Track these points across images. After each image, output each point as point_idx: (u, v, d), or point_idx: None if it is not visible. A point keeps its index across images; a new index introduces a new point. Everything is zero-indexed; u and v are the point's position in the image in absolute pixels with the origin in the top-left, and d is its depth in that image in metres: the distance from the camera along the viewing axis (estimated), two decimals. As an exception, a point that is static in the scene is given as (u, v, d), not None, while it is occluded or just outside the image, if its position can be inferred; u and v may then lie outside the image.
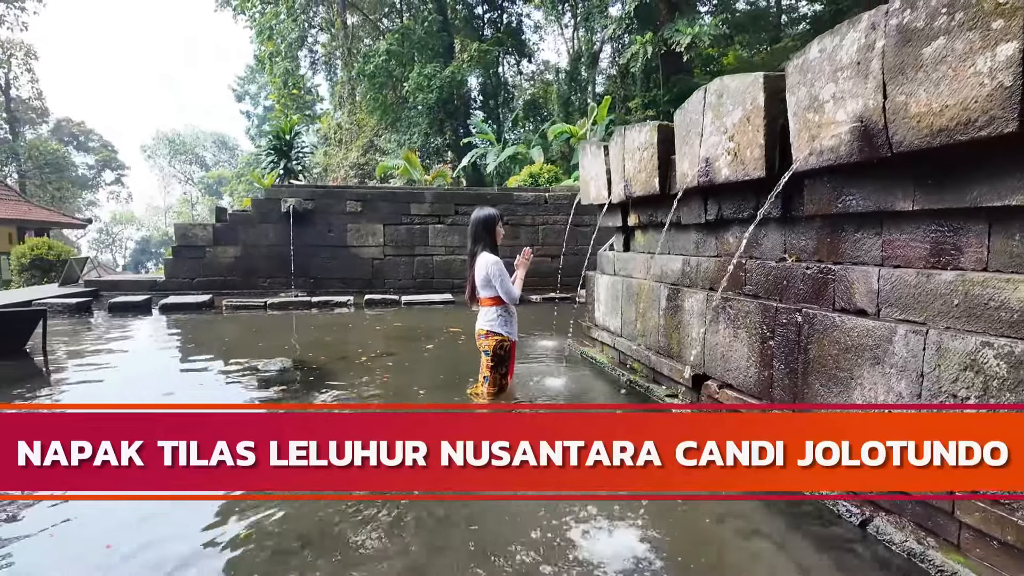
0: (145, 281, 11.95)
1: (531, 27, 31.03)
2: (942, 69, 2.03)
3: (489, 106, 30.11)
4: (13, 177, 37.23)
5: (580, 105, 23.92)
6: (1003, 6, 1.83)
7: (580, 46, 26.21)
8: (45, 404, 4.51)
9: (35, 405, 4.40)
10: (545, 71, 31.68)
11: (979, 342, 2.07)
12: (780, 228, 3.31)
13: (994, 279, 2.10)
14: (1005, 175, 2.03)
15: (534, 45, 32.51)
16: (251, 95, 49.13)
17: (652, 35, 18.08)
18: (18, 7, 35.17)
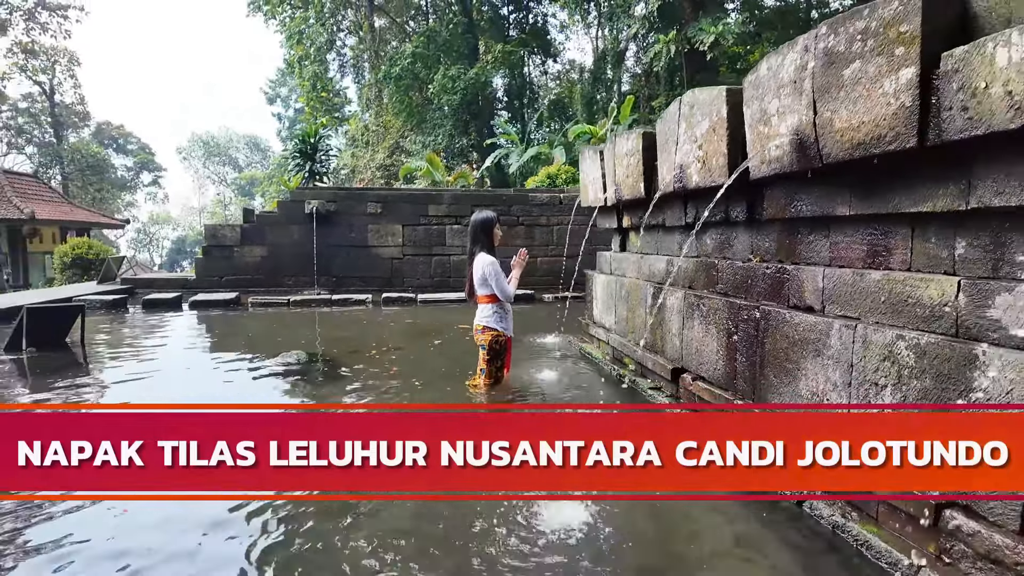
0: (177, 279, 12.55)
1: (556, 26, 31.14)
2: (859, 89, 2.26)
3: (514, 106, 30.31)
4: (57, 179, 38.82)
5: (604, 104, 24.01)
6: (904, 35, 2.06)
7: (606, 45, 26.30)
8: (84, 399, 4.93)
9: (43, 405, 4.50)
10: (571, 70, 31.77)
11: (895, 335, 2.30)
12: (747, 231, 3.54)
13: (912, 278, 2.32)
14: (917, 184, 2.26)
15: (560, 44, 32.58)
16: (282, 98, 50.21)
17: (675, 34, 18.13)
18: (61, 16, 36.62)
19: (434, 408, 3.84)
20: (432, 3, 31.24)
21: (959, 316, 2.11)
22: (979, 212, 2.06)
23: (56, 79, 39.94)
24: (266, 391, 4.90)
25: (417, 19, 32.40)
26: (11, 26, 35.52)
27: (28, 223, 19.83)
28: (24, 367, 5.69)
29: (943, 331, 2.17)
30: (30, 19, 35.80)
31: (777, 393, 3.00)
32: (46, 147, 40.56)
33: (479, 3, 28.49)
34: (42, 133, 40.89)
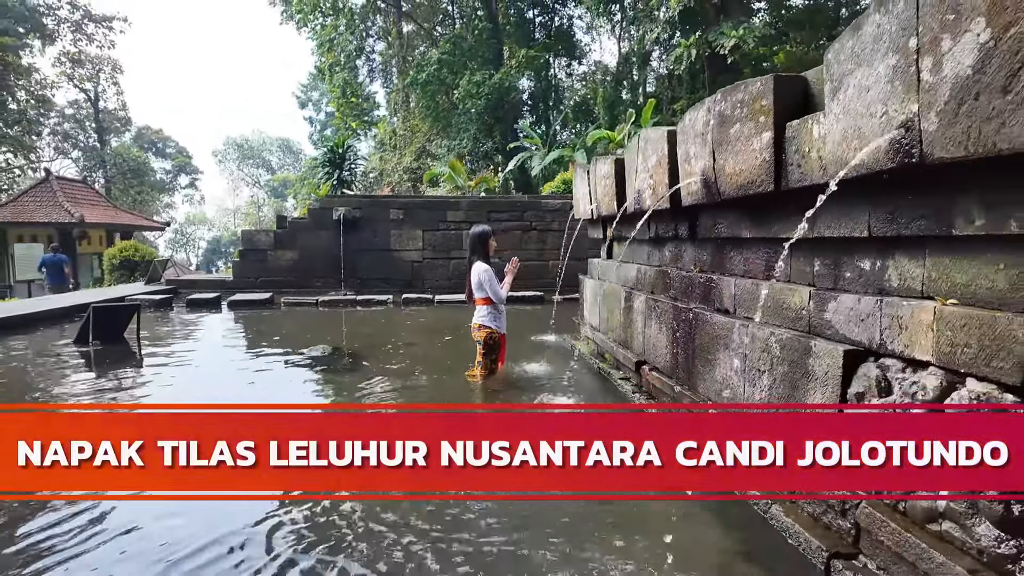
0: (216, 280, 13.60)
1: (583, 28, 31.44)
2: (739, 144, 2.97)
3: (539, 109, 30.76)
4: (100, 182, 40.77)
5: (629, 107, 24.42)
6: (764, 107, 2.77)
7: (632, 47, 26.72)
8: (140, 384, 5.83)
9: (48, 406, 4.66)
10: (596, 72, 32.14)
11: (770, 331, 2.99)
12: (692, 246, 4.25)
13: (787, 288, 3.02)
14: (784, 217, 2.95)
15: (586, 46, 32.89)
16: (313, 102, 51.60)
17: (695, 38, 18.48)
18: (106, 26, 38.47)
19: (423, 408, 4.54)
20: (459, 9, 31.92)
21: (810, 317, 2.81)
22: (822, 240, 2.75)
23: (100, 86, 41.92)
24: (295, 377, 5.77)
25: (444, 23, 33.03)
26: (59, 37, 37.51)
27: (78, 226, 21.22)
28: (91, 358, 6.63)
29: (799, 329, 2.87)
30: (77, 30, 37.72)
31: (702, 379, 3.71)
32: (91, 151, 42.54)
33: (505, 7, 28.96)
34: (87, 138, 42.90)
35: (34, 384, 5.41)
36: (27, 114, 37.58)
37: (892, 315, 2.29)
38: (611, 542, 2.58)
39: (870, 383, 2.36)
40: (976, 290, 2.02)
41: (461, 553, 2.50)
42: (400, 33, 32.22)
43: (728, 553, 2.53)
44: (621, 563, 2.41)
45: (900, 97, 1.94)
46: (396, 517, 2.80)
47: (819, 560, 2.36)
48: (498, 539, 2.63)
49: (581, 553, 2.49)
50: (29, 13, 34.90)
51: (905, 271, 2.33)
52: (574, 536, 2.64)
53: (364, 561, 2.45)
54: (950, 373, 2.05)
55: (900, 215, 2.25)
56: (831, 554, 2.33)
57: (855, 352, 2.46)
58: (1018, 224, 1.81)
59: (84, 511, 2.89)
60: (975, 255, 2.03)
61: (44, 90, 38.38)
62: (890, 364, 2.31)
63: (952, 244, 2.11)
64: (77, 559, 2.48)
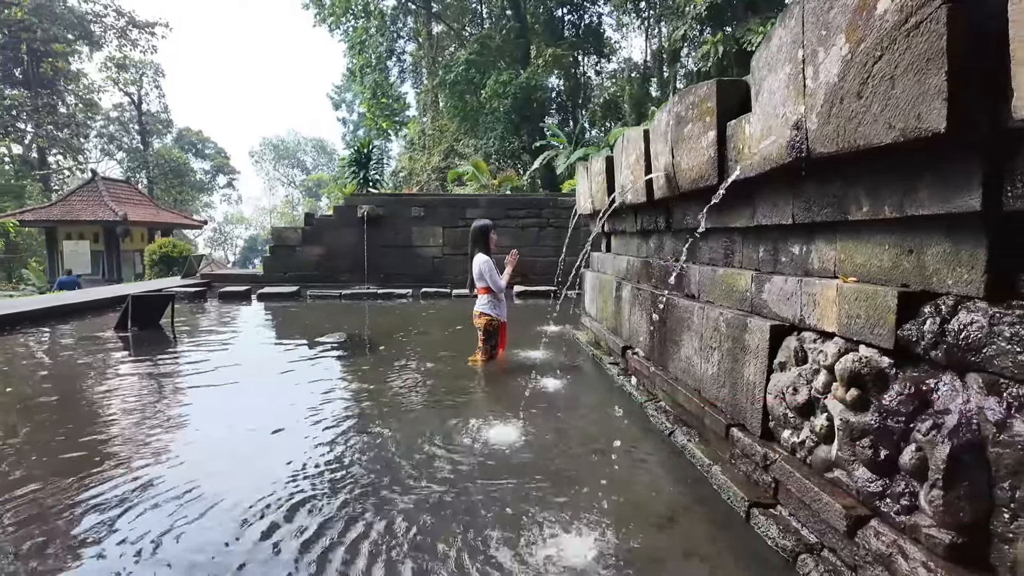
0: (248, 275, 14.27)
1: (612, 26, 31.43)
2: (691, 143, 3.28)
3: (567, 107, 30.94)
4: (143, 182, 42.45)
5: (657, 104, 24.47)
6: (709, 108, 3.08)
7: (661, 43, 26.73)
8: (174, 362, 6.37)
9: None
10: (627, 69, 32.15)
11: (720, 312, 3.30)
12: (670, 237, 4.55)
13: (736, 272, 3.32)
14: (734, 208, 3.25)
15: (616, 44, 32.89)
16: (347, 103, 52.68)
17: (723, 35, 18.52)
18: (149, 32, 40.03)
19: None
20: (488, 8, 32.25)
21: (752, 298, 3.11)
22: (764, 228, 3.05)
23: (143, 90, 43.74)
24: (313, 358, 6.22)
25: (473, 23, 33.34)
26: (105, 43, 39.21)
27: (121, 224, 22.30)
28: (130, 342, 7.21)
29: (744, 309, 3.17)
30: (122, 36, 39.37)
31: (671, 359, 4.02)
32: (134, 153, 44.31)
33: (534, 6, 29.11)
34: (130, 140, 44.71)
35: (83, 360, 5.98)
36: (76, 117, 39.44)
37: (809, 293, 2.59)
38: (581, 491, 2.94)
39: (790, 354, 2.66)
40: (870, 268, 2.32)
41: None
42: (430, 34, 32.79)
43: (673, 505, 2.85)
44: (586, 512, 2.76)
45: (793, 100, 2.25)
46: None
47: (742, 509, 2.67)
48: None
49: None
50: (77, 20, 36.55)
51: (823, 254, 2.63)
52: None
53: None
54: (848, 341, 2.35)
55: (814, 204, 2.55)
56: (751, 503, 2.64)
57: (781, 327, 2.76)
58: (891, 209, 2.10)
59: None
60: (868, 238, 2.33)
61: (91, 94, 40.24)
62: (807, 336, 2.61)
63: (854, 228, 2.40)
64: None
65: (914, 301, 2.04)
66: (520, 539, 2.50)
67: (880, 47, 1.81)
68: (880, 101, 1.83)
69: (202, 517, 2.68)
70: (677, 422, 3.76)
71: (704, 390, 3.48)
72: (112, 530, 2.57)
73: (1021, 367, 1.67)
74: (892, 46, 1.77)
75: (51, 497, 2.88)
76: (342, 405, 4.57)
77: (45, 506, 2.79)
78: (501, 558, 2.35)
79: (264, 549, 2.42)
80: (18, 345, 7.05)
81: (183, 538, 2.50)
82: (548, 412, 4.23)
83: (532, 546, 2.44)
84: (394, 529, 2.58)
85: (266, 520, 2.64)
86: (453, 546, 2.44)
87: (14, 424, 4.04)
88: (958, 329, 1.85)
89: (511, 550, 2.41)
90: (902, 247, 2.15)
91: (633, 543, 2.48)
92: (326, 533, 2.54)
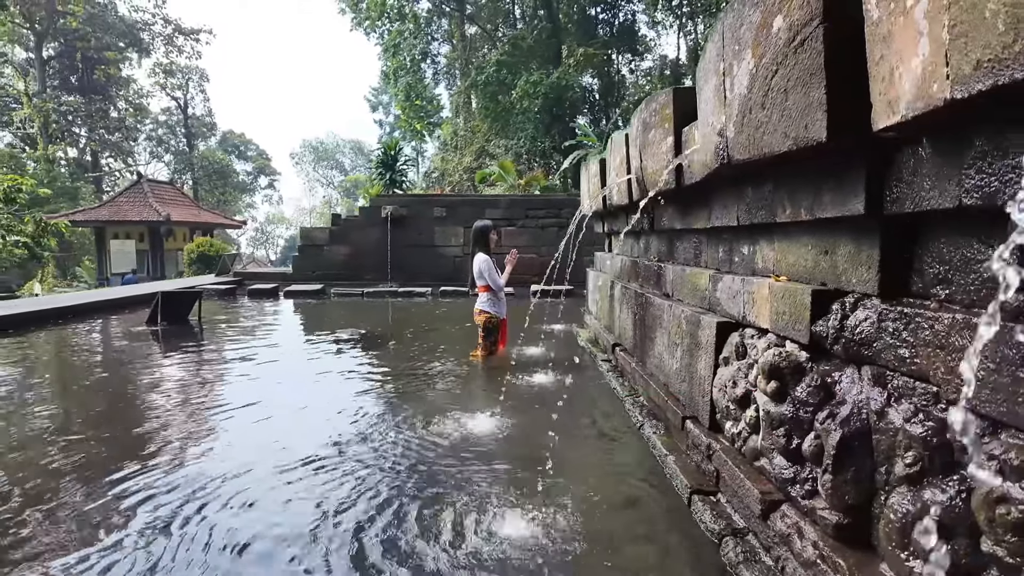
0: (278, 273, 14.81)
1: (647, 23, 31.14)
2: (654, 147, 3.42)
3: (600, 106, 30.80)
4: (189, 183, 44.07)
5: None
6: (668, 115, 3.23)
7: (696, 40, 26.47)
8: (199, 353, 6.77)
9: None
10: (662, 67, 31.87)
11: (683, 309, 3.43)
12: (655, 238, 4.68)
13: (699, 271, 3.45)
14: (697, 210, 3.39)
15: (650, 41, 32.61)
16: (383, 105, 53.55)
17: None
18: (194, 39, 41.55)
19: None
20: (520, 9, 32.37)
21: (709, 296, 3.24)
22: (718, 229, 3.18)
23: (189, 94, 45.40)
24: (327, 349, 6.55)
25: (507, 23, 33.45)
26: (154, 50, 40.87)
27: (165, 224, 23.27)
28: (159, 335, 7.67)
29: (702, 306, 3.31)
30: (169, 43, 40.98)
31: (647, 355, 4.16)
32: (180, 155, 46.03)
33: (567, 6, 29.06)
34: (177, 143, 46.46)
35: (115, 349, 6.43)
36: (126, 121, 41.22)
37: (749, 291, 2.72)
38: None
39: (732, 349, 2.79)
40: (798, 268, 2.44)
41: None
42: (463, 35, 33.12)
43: (630, 493, 3.00)
44: (546, 496, 2.95)
45: (718, 110, 2.39)
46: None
47: (685, 496, 2.82)
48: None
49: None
50: (128, 28, 38.18)
51: (765, 254, 2.75)
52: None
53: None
54: (777, 337, 2.48)
55: (752, 207, 2.68)
56: (692, 490, 2.78)
57: (727, 324, 2.89)
58: (805, 212, 2.23)
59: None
60: (796, 239, 2.45)
61: (141, 99, 42.00)
62: (748, 332, 2.74)
63: (785, 230, 2.53)
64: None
65: (827, 299, 2.17)
66: (474, 518, 2.70)
67: (776, 62, 1.95)
68: (778, 112, 1.97)
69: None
70: (648, 415, 3.89)
71: (671, 385, 3.62)
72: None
73: (900, 360, 1.79)
74: (785, 61, 1.91)
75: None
76: (337, 396, 4.83)
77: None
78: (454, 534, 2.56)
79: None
80: (66, 335, 7.58)
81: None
82: (528, 406, 4.41)
83: (481, 523, 2.64)
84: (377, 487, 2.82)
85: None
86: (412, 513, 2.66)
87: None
88: (854, 325, 1.98)
89: (461, 529, 2.61)
90: (820, 248, 2.28)
91: (590, 524, 2.65)
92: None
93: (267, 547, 2.45)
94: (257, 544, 2.47)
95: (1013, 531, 1.27)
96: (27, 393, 4.92)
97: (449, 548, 2.44)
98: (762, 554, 2.25)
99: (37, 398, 4.78)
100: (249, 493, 2.94)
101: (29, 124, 35.63)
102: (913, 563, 1.56)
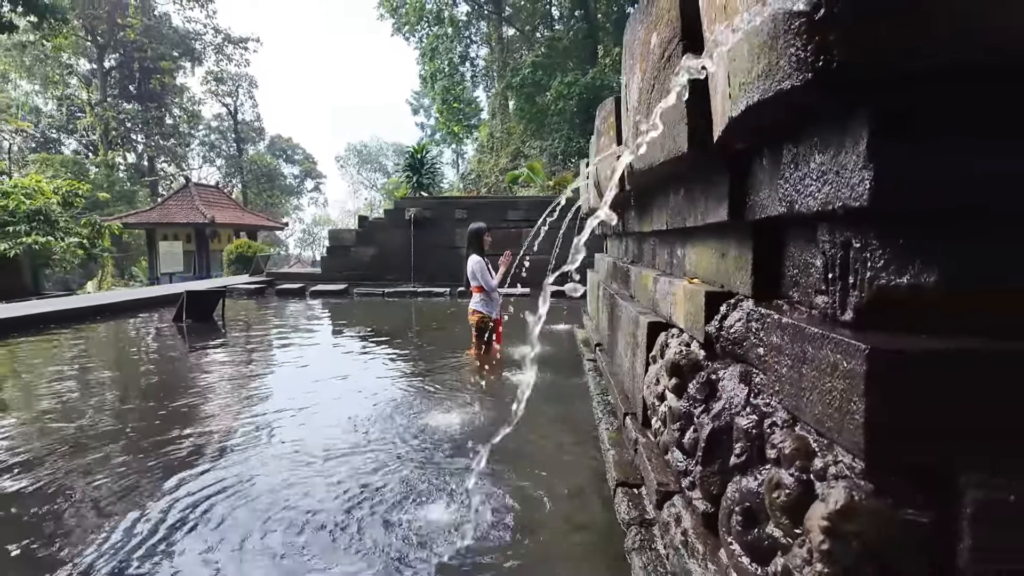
0: (307, 273, 15.34)
1: (692, 19, 30.65)
2: (603, 153, 3.55)
3: (639, 104, 30.53)
4: (238, 187, 45.75)
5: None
6: (612, 123, 3.35)
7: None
8: (221, 346, 7.18)
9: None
10: (707, 63, 31.34)
11: (632, 309, 3.54)
12: (631, 240, 4.78)
13: (648, 272, 3.55)
14: (646, 215, 3.50)
15: (696, 36, 32.13)
16: (424, 108, 54.36)
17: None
18: (243, 47, 43.12)
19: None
20: (559, 11, 32.41)
21: (653, 296, 3.34)
22: (660, 232, 3.29)
23: (239, 100, 47.11)
24: (339, 342, 6.88)
25: (545, 25, 33.51)
26: (205, 59, 42.59)
27: (210, 226, 24.29)
28: (184, 331, 8.14)
29: (647, 307, 3.41)
30: (219, 52, 42.65)
31: (614, 354, 4.27)
32: (231, 159, 47.78)
33: (606, 5, 28.91)
34: (228, 147, 48.24)
35: (144, 342, 6.90)
36: (180, 128, 43.09)
37: (673, 293, 2.83)
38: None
39: (659, 347, 2.90)
40: (708, 271, 2.55)
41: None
42: (501, 38, 33.38)
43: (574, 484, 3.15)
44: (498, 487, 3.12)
45: (626, 120, 2.52)
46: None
47: (612, 488, 2.94)
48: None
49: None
50: (181, 39, 39.90)
51: (689, 258, 2.86)
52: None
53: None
54: (689, 335, 2.59)
55: (674, 212, 2.79)
56: (617, 483, 2.90)
57: (658, 323, 3.00)
58: (701, 217, 2.34)
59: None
60: (705, 243, 2.56)
61: (194, 106, 43.82)
62: (672, 331, 2.84)
63: (701, 234, 2.64)
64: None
65: (718, 300, 2.28)
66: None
67: (654, 77, 2.08)
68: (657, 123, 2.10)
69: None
70: (608, 413, 4.01)
71: (624, 383, 3.74)
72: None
73: (760, 358, 1.90)
74: (659, 75, 2.04)
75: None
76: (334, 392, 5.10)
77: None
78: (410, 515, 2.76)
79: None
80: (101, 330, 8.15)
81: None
82: (501, 403, 4.57)
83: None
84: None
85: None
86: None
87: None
88: (730, 325, 2.09)
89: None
90: (719, 252, 2.38)
91: (532, 513, 2.83)
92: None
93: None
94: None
95: (784, 512, 1.38)
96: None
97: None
98: (657, 542, 2.37)
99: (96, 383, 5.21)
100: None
101: (91, 131, 37.72)
102: (734, 546, 1.68)
